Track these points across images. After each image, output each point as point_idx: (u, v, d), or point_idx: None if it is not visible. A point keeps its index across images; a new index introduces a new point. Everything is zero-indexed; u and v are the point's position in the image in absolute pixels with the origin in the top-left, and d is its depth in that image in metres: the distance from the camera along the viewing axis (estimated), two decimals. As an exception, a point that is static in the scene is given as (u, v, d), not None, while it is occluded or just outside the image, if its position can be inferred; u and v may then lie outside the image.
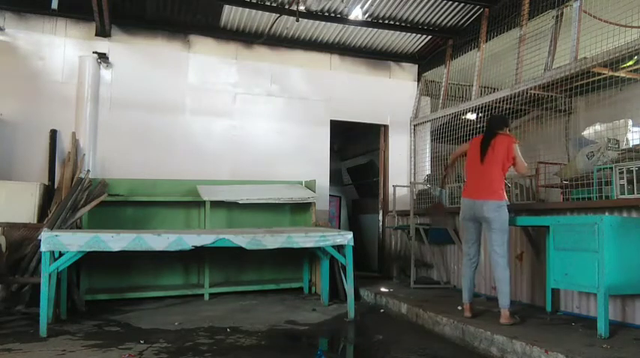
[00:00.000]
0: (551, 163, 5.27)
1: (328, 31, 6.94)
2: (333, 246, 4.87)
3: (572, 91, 5.06)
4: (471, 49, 6.62)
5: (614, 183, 3.97)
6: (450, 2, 6.34)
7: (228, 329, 4.21)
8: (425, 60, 7.70)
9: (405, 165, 7.67)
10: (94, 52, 6.06)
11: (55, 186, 5.68)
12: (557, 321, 4.10)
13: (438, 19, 6.78)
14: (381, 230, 7.70)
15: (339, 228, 8.61)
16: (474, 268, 4.31)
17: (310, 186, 6.45)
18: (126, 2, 6.06)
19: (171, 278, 5.89)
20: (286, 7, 6.21)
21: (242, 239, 4.51)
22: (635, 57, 4.50)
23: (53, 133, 5.87)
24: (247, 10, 6.27)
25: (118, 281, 5.63)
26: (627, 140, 4.67)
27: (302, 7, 6.20)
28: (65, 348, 3.57)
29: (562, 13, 5.29)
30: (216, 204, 5.86)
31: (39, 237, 4.03)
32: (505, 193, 4.12)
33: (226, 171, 6.57)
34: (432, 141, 7.38)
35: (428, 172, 7.24)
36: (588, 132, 4.96)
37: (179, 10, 6.27)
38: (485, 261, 5.46)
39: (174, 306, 5.21)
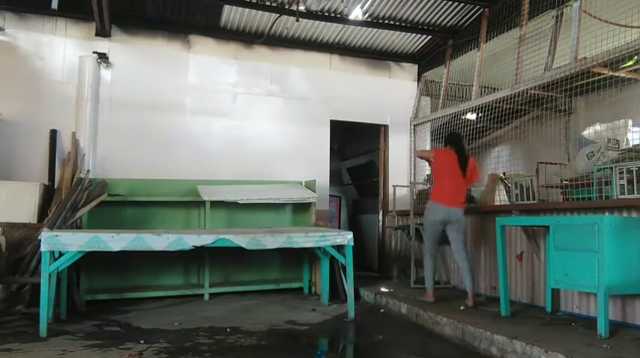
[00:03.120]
0: (551, 163, 5.27)
1: (328, 31, 6.94)
2: (333, 246, 4.87)
3: (572, 91, 5.05)
4: (471, 49, 6.61)
5: (614, 183, 3.97)
6: (450, 2, 6.35)
7: (228, 329, 4.21)
8: (425, 60, 7.70)
9: (405, 165, 7.67)
10: (94, 52, 6.06)
11: (55, 186, 5.69)
12: (557, 321, 4.10)
13: (438, 19, 6.78)
14: (381, 230, 7.70)
15: (339, 228, 8.61)
16: (434, 261, 5.12)
17: (310, 186, 6.45)
18: (126, 2, 6.06)
19: (171, 278, 5.89)
20: (286, 7, 6.21)
21: (242, 239, 4.51)
22: (635, 57, 4.50)
23: (53, 133, 5.87)
24: (247, 10, 6.27)
25: (118, 281, 5.63)
26: (627, 140, 4.67)
27: (302, 7, 6.20)
28: (65, 348, 3.57)
29: (562, 13, 5.28)
30: (216, 204, 5.86)
31: (39, 237, 4.03)
32: None
33: (226, 171, 6.57)
34: (432, 141, 7.38)
35: (428, 172, 7.23)
36: (588, 132, 4.96)
37: (179, 10, 6.27)
38: (485, 263, 5.48)
39: (174, 306, 5.21)
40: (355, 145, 9.33)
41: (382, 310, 5.26)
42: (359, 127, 7.80)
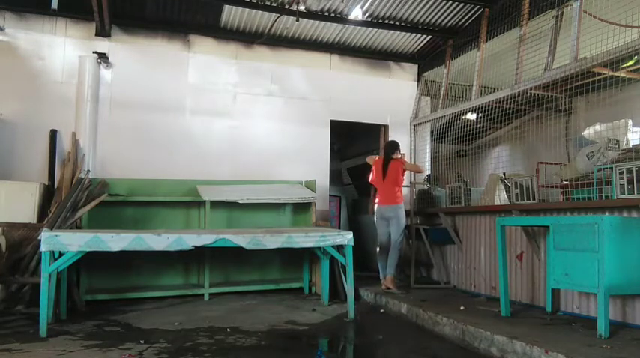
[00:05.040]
0: (551, 163, 5.27)
1: (328, 31, 6.94)
2: (333, 246, 4.87)
3: (572, 91, 5.05)
4: (471, 49, 6.61)
5: (614, 183, 3.97)
6: (450, 2, 6.34)
7: (228, 329, 4.21)
8: (425, 60, 7.70)
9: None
10: (94, 52, 6.06)
11: (55, 186, 5.68)
12: (557, 321, 4.10)
13: (438, 19, 6.78)
14: (381, 230, 7.68)
15: (339, 228, 8.60)
16: (386, 254, 5.75)
17: (310, 186, 6.45)
18: (126, 2, 6.06)
19: (171, 278, 5.89)
20: (286, 7, 6.21)
21: (242, 239, 4.51)
22: (635, 57, 4.50)
23: (53, 133, 5.87)
24: (247, 10, 6.27)
25: (118, 281, 5.62)
26: (627, 140, 4.67)
27: (302, 7, 6.20)
28: (65, 348, 3.57)
29: (562, 13, 5.28)
30: (216, 204, 5.86)
31: (39, 237, 4.03)
32: (402, 199, 5.78)
33: (226, 171, 6.57)
34: (432, 141, 7.38)
35: (428, 172, 7.24)
36: (588, 132, 4.96)
37: (179, 10, 6.27)
38: (485, 262, 5.48)
39: (174, 306, 5.21)
40: (355, 145, 9.32)
41: (382, 310, 5.26)
42: (359, 127, 7.79)
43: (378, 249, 5.92)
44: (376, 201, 5.92)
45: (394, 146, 5.95)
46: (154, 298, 5.43)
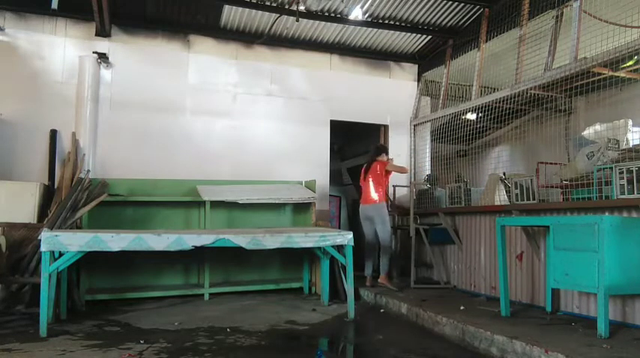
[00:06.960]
0: (551, 163, 5.27)
1: (328, 31, 6.94)
2: (333, 246, 4.87)
3: (572, 91, 5.05)
4: (471, 49, 6.61)
5: (614, 183, 3.97)
6: (450, 2, 6.35)
7: (228, 329, 4.21)
8: (425, 60, 7.70)
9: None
10: (94, 52, 6.07)
11: (55, 186, 5.69)
12: (557, 321, 4.10)
13: (438, 19, 6.78)
14: (381, 230, 7.68)
15: (339, 228, 8.61)
16: (373, 251, 5.96)
17: (310, 186, 6.45)
18: (126, 2, 6.06)
19: (171, 278, 5.89)
20: (286, 7, 6.21)
21: (242, 239, 4.51)
22: (635, 57, 4.50)
23: (53, 133, 5.87)
24: (247, 10, 6.27)
25: (118, 281, 5.62)
26: (627, 140, 4.67)
27: (302, 7, 6.20)
28: (65, 348, 3.57)
29: (562, 13, 5.28)
30: (217, 204, 5.86)
31: (39, 237, 4.03)
32: (384, 198, 5.89)
33: (226, 171, 6.57)
34: (432, 141, 7.38)
35: (428, 172, 7.24)
36: (588, 132, 4.96)
37: (179, 10, 6.27)
38: (485, 262, 5.48)
39: (175, 306, 5.21)
40: (355, 145, 9.32)
41: (382, 310, 5.26)
42: (359, 127, 7.80)
43: (366, 248, 5.97)
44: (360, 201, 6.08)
45: (380, 150, 6.14)
46: (154, 298, 5.43)
